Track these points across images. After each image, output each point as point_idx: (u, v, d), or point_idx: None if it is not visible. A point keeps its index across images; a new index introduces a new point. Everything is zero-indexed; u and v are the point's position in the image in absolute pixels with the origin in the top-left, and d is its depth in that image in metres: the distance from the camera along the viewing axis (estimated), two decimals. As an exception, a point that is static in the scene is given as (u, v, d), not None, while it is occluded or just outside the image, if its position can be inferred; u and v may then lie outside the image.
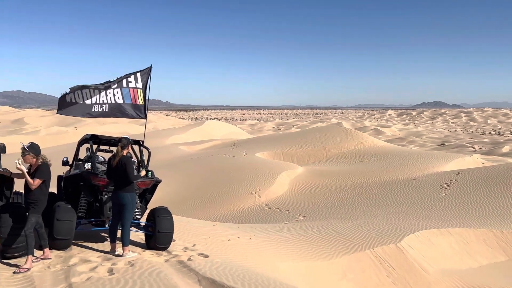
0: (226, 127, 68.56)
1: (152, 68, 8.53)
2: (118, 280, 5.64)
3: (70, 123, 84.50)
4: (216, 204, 19.61)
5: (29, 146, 6.39)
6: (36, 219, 6.40)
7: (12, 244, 6.51)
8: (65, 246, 7.19)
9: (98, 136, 8.76)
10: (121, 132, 51.24)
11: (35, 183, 6.28)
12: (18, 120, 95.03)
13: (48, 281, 5.65)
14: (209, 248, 8.59)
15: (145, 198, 8.51)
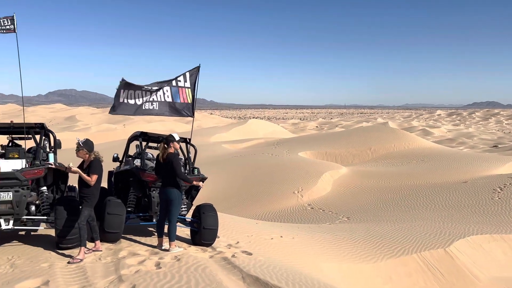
0: (269, 126, 68.62)
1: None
2: (165, 274, 5.79)
3: (119, 121, 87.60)
4: (258, 203, 19.69)
5: (84, 142, 6.68)
6: (89, 213, 6.69)
7: (66, 235, 6.84)
8: (115, 239, 7.47)
9: (147, 133, 9.03)
10: (168, 130, 52.58)
11: (93, 179, 6.56)
12: (70, 117, 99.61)
13: (99, 272, 5.88)
14: (252, 246, 8.64)
15: (191, 194, 8.68)
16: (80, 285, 5.38)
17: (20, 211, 6.88)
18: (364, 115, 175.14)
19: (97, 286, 5.31)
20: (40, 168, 7.08)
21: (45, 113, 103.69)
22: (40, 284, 5.41)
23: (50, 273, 5.78)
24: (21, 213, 6.91)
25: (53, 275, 5.69)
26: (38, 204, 7.44)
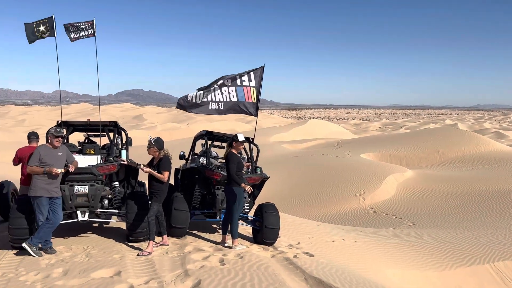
0: (329, 126, 67.63)
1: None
2: (229, 271, 5.90)
3: (183, 120, 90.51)
4: (318, 204, 19.47)
5: (155, 140, 6.98)
6: (158, 208, 6.97)
7: (136, 229, 7.18)
8: (181, 234, 7.73)
9: (212, 132, 9.25)
10: (229, 129, 53.51)
11: (165, 176, 6.84)
12: (138, 116, 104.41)
13: (167, 266, 6.11)
14: (314, 247, 8.57)
15: (253, 193, 8.77)
16: (149, 277, 5.62)
17: (95, 204, 7.33)
18: (431, 116, 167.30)
19: (165, 279, 5.52)
20: (114, 164, 7.50)
21: (114, 112, 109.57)
22: (112, 274, 5.72)
23: (121, 264, 6.09)
24: (95, 206, 7.36)
25: (124, 266, 5.99)
26: (111, 198, 7.87)
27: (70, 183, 7.09)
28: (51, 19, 8.02)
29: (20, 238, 6.69)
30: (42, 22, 8.07)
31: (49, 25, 8.09)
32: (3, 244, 7.17)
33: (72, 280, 5.48)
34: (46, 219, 6.58)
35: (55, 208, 6.64)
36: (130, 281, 5.40)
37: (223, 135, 9.37)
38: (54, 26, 8.02)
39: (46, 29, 8.12)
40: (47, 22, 8.07)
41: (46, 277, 5.64)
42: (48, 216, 6.60)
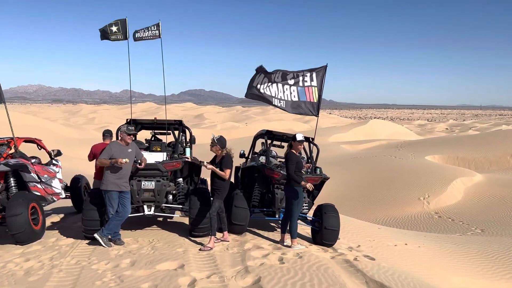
0: (392, 127, 65.51)
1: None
2: (288, 270, 5.91)
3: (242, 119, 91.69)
4: (379, 207, 18.95)
5: (218, 139, 7.16)
6: (219, 204, 7.14)
7: (199, 224, 7.40)
8: (241, 231, 7.87)
9: (272, 131, 9.31)
10: (286, 129, 53.47)
11: (227, 174, 7.00)
12: (199, 116, 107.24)
13: (227, 261, 6.24)
14: (375, 251, 8.36)
15: (313, 193, 8.72)
16: (210, 271, 5.78)
17: (160, 199, 7.66)
18: (504, 117, 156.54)
19: (226, 274, 5.64)
20: (178, 161, 7.78)
21: (177, 111, 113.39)
22: (176, 267, 5.95)
23: (184, 257, 6.31)
24: (161, 201, 7.69)
25: (187, 260, 6.20)
26: (175, 193, 8.17)
27: (138, 179, 7.46)
28: (124, 22, 8.46)
29: (92, 229, 7.15)
30: (115, 23, 8.54)
31: (122, 27, 8.55)
32: (76, 234, 7.70)
33: (139, 271, 5.77)
34: (116, 212, 6.98)
35: (124, 202, 7.02)
36: (193, 275, 5.58)
37: (283, 134, 9.40)
38: (126, 29, 8.46)
39: (118, 30, 8.57)
40: (119, 23, 8.53)
41: (116, 266, 5.98)
42: (117, 209, 6.99)
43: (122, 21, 8.53)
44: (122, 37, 8.64)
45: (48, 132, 39.32)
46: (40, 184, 8.33)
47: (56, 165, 9.50)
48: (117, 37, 8.64)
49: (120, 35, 8.62)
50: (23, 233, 7.13)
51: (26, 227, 7.13)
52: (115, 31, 8.56)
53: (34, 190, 8.04)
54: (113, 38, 8.63)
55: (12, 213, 7.01)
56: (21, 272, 5.93)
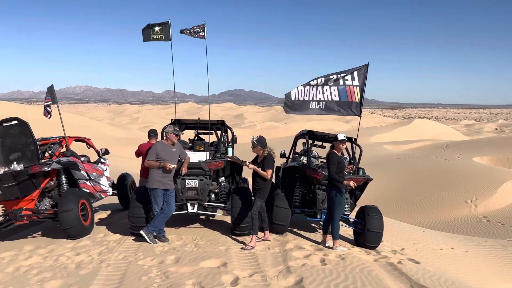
0: (437, 126, 63.40)
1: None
2: (330, 271, 5.86)
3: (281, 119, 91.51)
4: (423, 209, 18.39)
5: (257, 140, 7.19)
6: (261, 204, 7.17)
7: (240, 223, 7.48)
8: (282, 231, 7.87)
9: (313, 132, 9.25)
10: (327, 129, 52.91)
11: (268, 174, 7.03)
12: (239, 115, 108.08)
13: (269, 261, 6.27)
14: (419, 254, 8.14)
15: (355, 195, 8.59)
16: (252, 270, 5.83)
17: (203, 197, 7.80)
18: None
19: (268, 274, 5.67)
20: (221, 160, 7.89)
21: (217, 111, 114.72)
22: (219, 264, 6.04)
23: (227, 256, 6.39)
24: (204, 199, 7.83)
25: (230, 258, 6.28)
26: (217, 192, 8.29)
27: (182, 177, 7.62)
28: (167, 24, 8.67)
29: (138, 226, 7.39)
30: (158, 25, 8.75)
31: (165, 29, 8.74)
32: (123, 230, 7.97)
33: (184, 267, 5.90)
34: (160, 210, 7.17)
35: (169, 200, 7.20)
36: (235, 273, 5.65)
37: (324, 134, 9.32)
38: (170, 31, 8.65)
39: (160, 30, 8.77)
40: (163, 25, 8.74)
41: (161, 263, 6.15)
42: (162, 207, 7.18)
43: (165, 24, 8.73)
44: (163, 38, 8.82)
45: (95, 131, 40.90)
46: (89, 181, 8.70)
47: (104, 163, 9.88)
48: (159, 38, 8.83)
49: (162, 35, 8.80)
50: (74, 228, 7.47)
51: (77, 222, 7.46)
52: (157, 31, 8.75)
53: (83, 187, 8.41)
54: (155, 38, 8.82)
55: (63, 209, 7.36)
56: (73, 265, 6.22)
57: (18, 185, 7.45)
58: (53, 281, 5.61)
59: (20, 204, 7.70)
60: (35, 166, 7.53)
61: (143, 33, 8.79)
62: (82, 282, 5.47)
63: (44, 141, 8.62)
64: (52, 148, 8.40)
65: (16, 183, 7.42)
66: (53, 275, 5.86)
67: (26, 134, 7.79)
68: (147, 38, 8.72)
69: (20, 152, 7.79)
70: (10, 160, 7.70)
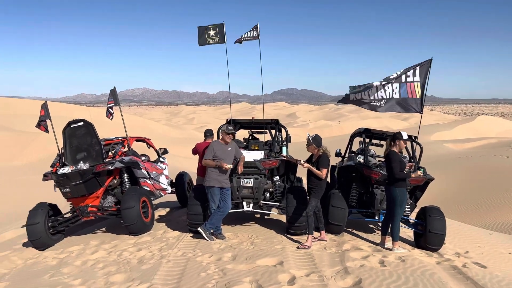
0: (503, 123, 59.75)
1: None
2: (390, 273, 5.69)
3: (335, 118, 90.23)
4: (488, 211, 17.36)
5: (313, 138, 7.12)
6: (316, 203, 7.10)
7: (295, 222, 7.45)
8: (338, 231, 7.75)
9: (371, 130, 9.02)
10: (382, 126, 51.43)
11: (324, 173, 6.94)
12: (291, 114, 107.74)
13: (326, 261, 6.19)
14: (485, 258, 7.68)
15: (415, 195, 8.29)
16: (309, 270, 5.78)
17: (258, 196, 7.85)
18: None
19: (325, 274, 5.60)
20: (275, 159, 7.90)
21: (270, 110, 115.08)
22: (275, 263, 6.04)
23: (283, 254, 6.39)
24: (259, 198, 7.88)
25: (286, 257, 6.27)
26: (272, 191, 8.32)
27: (238, 176, 7.72)
28: (221, 26, 8.81)
29: (196, 223, 7.58)
30: (213, 27, 8.90)
31: (219, 31, 8.88)
32: (182, 227, 8.21)
33: (240, 265, 5.97)
34: (217, 207, 7.31)
35: (225, 198, 7.33)
36: (292, 272, 5.63)
37: (382, 132, 9.05)
38: (224, 33, 8.78)
39: (215, 34, 8.92)
40: (217, 27, 8.88)
41: (218, 260, 6.26)
42: (219, 205, 7.31)
43: (219, 26, 8.86)
44: (219, 40, 8.96)
45: (152, 132, 42.45)
46: (149, 180, 9.03)
47: (163, 163, 10.22)
48: (214, 41, 8.98)
49: (217, 38, 8.94)
50: (135, 224, 7.80)
51: (138, 219, 7.78)
52: (212, 35, 8.91)
53: (144, 186, 8.75)
54: (210, 42, 8.98)
55: (126, 206, 7.70)
56: (135, 260, 6.49)
57: (85, 183, 7.88)
58: (117, 275, 5.89)
59: (86, 201, 8.14)
60: (99, 165, 7.94)
61: (199, 38, 8.97)
62: (144, 277, 5.69)
63: (108, 141, 9.06)
64: (115, 148, 8.80)
65: (83, 181, 7.85)
66: (117, 269, 6.15)
67: (91, 135, 8.22)
68: (203, 43, 8.90)
69: (86, 151, 8.23)
70: (77, 159, 8.16)
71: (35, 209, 8.01)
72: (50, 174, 8.00)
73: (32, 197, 15.64)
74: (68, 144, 8.22)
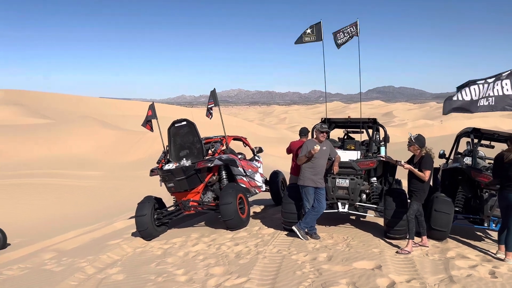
0: None
1: None
2: (502, 285, 5.19)
3: (436, 117, 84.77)
4: None
5: (415, 138, 6.75)
6: (417, 207, 6.73)
7: (394, 226, 7.13)
8: (441, 237, 7.27)
9: (480, 129, 8.33)
10: (491, 126, 47.07)
11: (426, 175, 6.56)
12: (387, 114, 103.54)
13: (428, 268, 5.84)
14: None
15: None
16: (409, 276, 5.50)
17: (354, 197, 7.67)
18: None
19: (427, 281, 5.28)
20: (373, 160, 7.64)
21: (364, 109, 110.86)
22: (373, 267, 5.85)
23: (381, 258, 6.16)
24: (355, 199, 7.69)
25: (384, 261, 6.03)
26: (368, 193, 8.06)
27: (333, 176, 7.61)
28: (318, 24, 8.74)
29: (290, 221, 7.64)
30: (310, 27, 8.87)
31: (316, 30, 8.82)
32: (276, 225, 8.33)
33: (336, 266, 5.88)
34: (311, 207, 7.28)
35: (320, 198, 7.27)
36: (391, 277, 5.40)
37: (494, 133, 8.28)
38: (321, 30, 8.71)
39: (312, 31, 8.87)
40: (314, 27, 8.83)
41: (313, 259, 6.23)
42: (313, 204, 7.28)
43: (317, 24, 8.80)
44: (315, 38, 8.89)
45: (246, 131, 43.61)
46: (245, 177, 9.30)
47: (258, 161, 10.46)
48: (310, 39, 8.93)
49: (313, 36, 8.88)
50: (233, 220, 8.09)
51: (235, 215, 8.06)
52: (309, 32, 8.87)
53: (240, 183, 9.03)
54: (306, 40, 8.94)
55: (224, 202, 8.02)
56: (232, 254, 6.73)
57: (187, 179, 8.37)
58: (217, 267, 6.16)
59: (188, 196, 8.64)
60: (200, 162, 8.37)
61: (298, 38, 9.00)
62: (242, 271, 5.87)
63: (208, 140, 9.51)
64: (214, 146, 9.21)
65: (185, 177, 8.34)
66: (216, 262, 6.43)
67: (193, 134, 8.69)
68: (299, 41, 8.91)
69: (188, 149, 8.73)
70: (180, 156, 8.69)
71: (143, 202, 8.69)
72: (156, 170, 8.63)
73: (138, 191, 17.02)
74: (172, 142, 8.79)
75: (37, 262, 7.96)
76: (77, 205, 16.78)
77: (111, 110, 58.06)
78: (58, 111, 52.61)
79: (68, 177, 20.82)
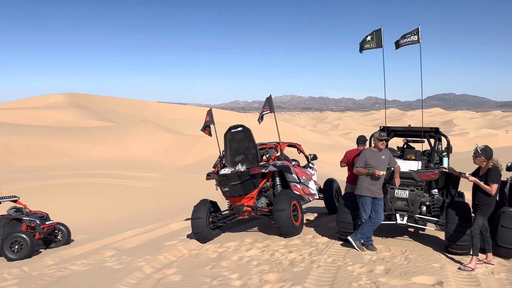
0: None
1: None
2: None
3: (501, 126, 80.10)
4: None
5: (482, 149, 6.40)
6: (482, 222, 6.37)
7: (457, 241, 6.79)
8: (508, 255, 6.83)
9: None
10: None
11: (493, 189, 6.21)
12: (447, 122, 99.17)
13: (494, 287, 5.50)
14: None
15: None
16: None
17: (414, 209, 7.39)
18: None
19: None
20: (435, 171, 7.33)
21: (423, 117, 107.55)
22: (434, 282, 5.60)
23: (442, 274, 5.88)
24: (414, 211, 7.41)
25: (445, 277, 5.76)
26: (429, 205, 7.73)
27: (392, 186, 7.38)
28: (379, 31, 8.58)
29: (345, 231, 7.49)
30: (370, 34, 8.74)
31: (376, 36, 8.66)
32: (331, 234, 8.20)
33: (394, 280, 5.68)
34: (368, 218, 7.10)
35: (377, 208, 7.07)
36: (453, 295, 5.15)
37: None
38: (381, 37, 8.53)
39: (372, 38, 8.73)
40: (374, 33, 8.68)
41: (370, 271, 6.06)
42: (370, 215, 7.10)
43: (377, 31, 8.66)
44: (375, 45, 8.74)
45: (299, 137, 43.42)
46: (299, 184, 9.24)
47: (312, 168, 10.37)
48: (370, 46, 8.79)
49: (374, 43, 8.73)
50: (286, 227, 8.05)
51: (289, 221, 8.02)
52: (369, 39, 8.74)
53: (294, 190, 8.98)
54: (366, 47, 8.81)
55: (278, 208, 8.02)
56: (286, 262, 6.70)
57: (242, 184, 8.46)
58: (271, 274, 6.16)
59: (242, 201, 8.72)
60: (255, 168, 8.43)
61: (360, 44, 8.94)
62: (296, 279, 5.83)
63: (262, 146, 9.56)
64: (269, 152, 9.24)
65: (240, 182, 8.44)
66: (270, 268, 6.43)
67: (249, 139, 8.77)
68: (361, 49, 8.85)
69: (243, 155, 8.82)
70: (236, 161, 8.80)
71: (199, 205, 8.87)
72: (212, 174, 8.79)
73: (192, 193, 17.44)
74: (228, 147, 8.93)
75: (98, 259, 8.35)
76: (134, 205, 17.49)
77: (168, 114, 60.12)
78: (121, 115, 55.23)
79: (127, 178, 21.75)
